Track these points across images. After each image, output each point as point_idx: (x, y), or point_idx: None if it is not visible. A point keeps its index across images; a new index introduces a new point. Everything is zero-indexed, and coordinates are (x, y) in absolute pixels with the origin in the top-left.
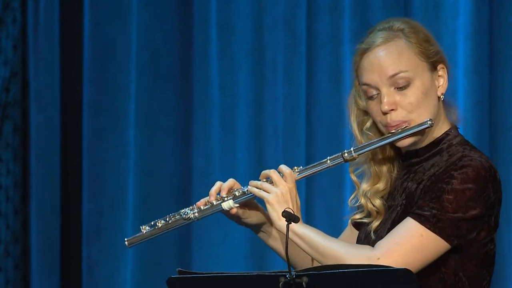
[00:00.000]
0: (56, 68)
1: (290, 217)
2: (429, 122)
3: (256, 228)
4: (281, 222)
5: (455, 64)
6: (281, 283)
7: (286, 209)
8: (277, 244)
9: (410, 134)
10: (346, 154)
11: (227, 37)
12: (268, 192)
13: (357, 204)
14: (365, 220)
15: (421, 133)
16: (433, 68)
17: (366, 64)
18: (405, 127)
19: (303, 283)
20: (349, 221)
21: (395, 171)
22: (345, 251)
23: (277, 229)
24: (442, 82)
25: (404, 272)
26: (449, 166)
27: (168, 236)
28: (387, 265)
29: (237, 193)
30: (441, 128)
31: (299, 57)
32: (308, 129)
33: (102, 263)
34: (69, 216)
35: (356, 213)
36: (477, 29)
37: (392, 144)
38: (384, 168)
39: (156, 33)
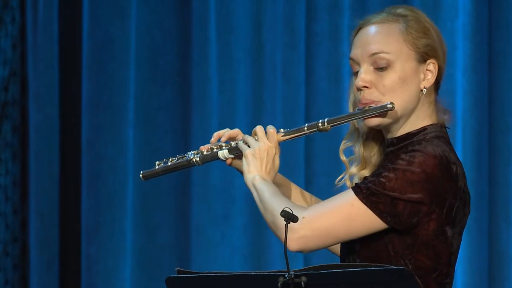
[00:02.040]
0: (55, 67)
1: (288, 217)
2: (388, 106)
3: None
4: (249, 175)
5: (454, 64)
6: (279, 283)
7: (285, 209)
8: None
9: (371, 114)
10: (320, 124)
11: (226, 35)
12: (248, 146)
13: (342, 183)
14: None
15: (384, 115)
16: (422, 60)
17: (355, 39)
18: (371, 106)
19: (302, 282)
20: None
21: (379, 159)
22: (280, 206)
23: (245, 182)
24: (429, 77)
25: (403, 271)
26: (403, 150)
27: (167, 235)
28: (309, 225)
29: (233, 144)
30: (421, 123)
31: (298, 55)
32: None
33: (101, 262)
34: (68, 215)
35: None
36: (476, 30)
37: (377, 130)
38: (371, 154)
39: (155, 31)
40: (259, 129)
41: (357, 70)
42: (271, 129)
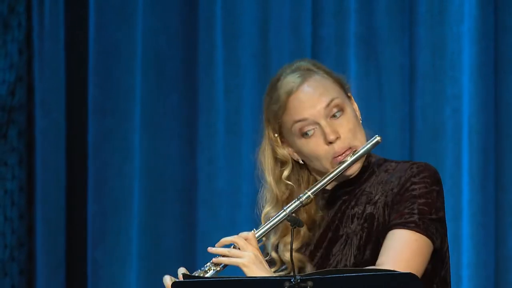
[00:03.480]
0: (61, 72)
1: (295, 222)
2: (378, 138)
3: None
4: None
5: (460, 69)
6: (286, 287)
7: (291, 214)
8: None
9: (363, 155)
10: (303, 198)
11: (232, 41)
12: (240, 258)
13: (267, 258)
14: (282, 271)
15: (369, 153)
16: (347, 94)
17: (296, 103)
18: (355, 151)
19: (308, 287)
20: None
21: (318, 212)
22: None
23: None
24: (356, 109)
25: (408, 276)
26: (405, 175)
27: (173, 241)
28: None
29: (201, 274)
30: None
31: None
32: None
33: (107, 266)
34: (74, 219)
35: (272, 266)
36: (482, 34)
37: (302, 189)
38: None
39: (161, 37)
40: (237, 238)
41: (308, 129)
42: (248, 233)
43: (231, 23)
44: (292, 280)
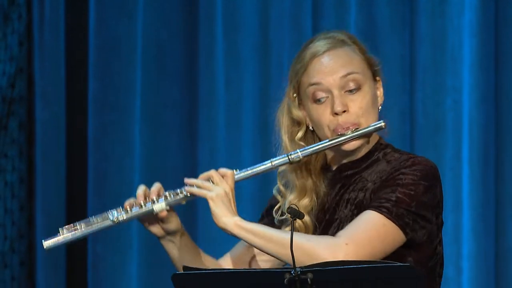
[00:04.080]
0: (61, 64)
1: (295, 214)
2: (382, 125)
3: (168, 235)
4: (226, 219)
5: (461, 61)
6: (286, 279)
7: (291, 206)
8: (180, 255)
9: (362, 134)
10: (292, 156)
11: (233, 33)
12: (210, 191)
13: (283, 217)
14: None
15: (369, 136)
16: (374, 78)
17: (316, 66)
18: (357, 128)
19: (308, 279)
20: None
21: (322, 186)
22: (307, 241)
23: (220, 226)
24: (380, 93)
25: (408, 268)
26: (398, 166)
27: None
28: (354, 249)
29: (167, 195)
30: (374, 139)
31: None
32: None
33: (108, 259)
34: (75, 212)
35: (286, 226)
36: (483, 26)
37: (318, 159)
38: (309, 183)
39: (161, 30)
40: (214, 173)
41: (321, 96)
42: (228, 171)
43: (231, 16)
44: (292, 272)
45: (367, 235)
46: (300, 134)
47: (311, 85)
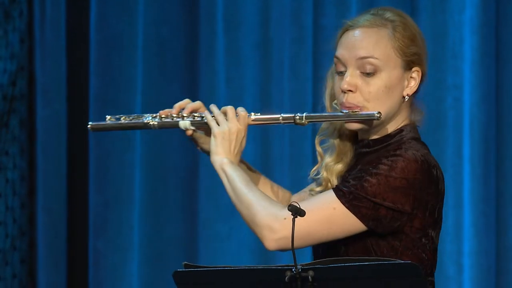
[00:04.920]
0: (62, 61)
1: (296, 211)
2: (376, 115)
3: None
4: (217, 157)
5: (461, 58)
6: (286, 277)
7: (292, 203)
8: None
9: (356, 119)
10: (297, 118)
11: (234, 31)
12: (218, 125)
13: (319, 176)
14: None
15: (368, 123)
16: (408, 67)
17: (343, 40)
18: (355, 111)
19: (309, 276)
20: (308, 189)
21: (351, 157)
22: (258, 202)
23: (211, 162)
24: (412, 84)
25: (411, 266)
26: (383, 153)
27: (175, 230)
28: (289, 226)
29: (196, 116)
30: (397, 124)
31: (305, 50)
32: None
33: (109, 256)
34: (76, 209)
35: (317, 185)
36: (484, 23)
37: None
38: (346, 150)
39: (162, 27)
40: (230, 109)
41: (341, 70)
42: (242, 111)
43: (232, 13)
44: (293, 269)
45: (311, 215)
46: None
47: (335, 57)
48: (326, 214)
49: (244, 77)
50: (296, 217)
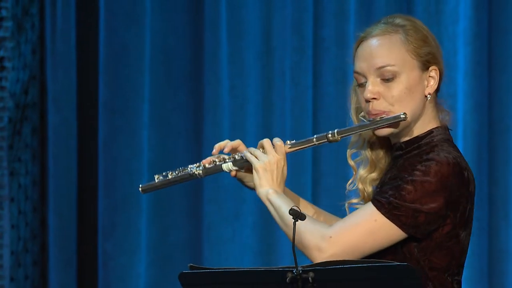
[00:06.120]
0: (72, 71)
1: (296, 215)
2: (402, 116)
3: None
4: (262, 190)
5: (455, 68)
6: (288, 278)
7: (293, 207)
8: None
9: (384, 124)
10: (330, 135)
11: (237, 41)
12: (257, 159)
13: (354, 188)
14: (361, 204)
15: (396, 125)
16: (425, 67)
17: (359, 52)
18: (382, 117)
19: (310, 278)
20: (346, 205)
21: (386, 162)
22: (304, 225)
23: (258, 195)
24: (432, 83)
25: (408, 268)
26: (416, 158)
27: (180, 233)
28: (336, 244)
29: (237, 157)
30: (427, 126)
31: (306, 60)
32: (314, 129)
33: (117, 258)
34: (85, 213)
35: (353, 197)
36: (477, 34)
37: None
38: (380, 157)
39: (168, 37)
40: (266, 142)
41: (362, 81)
42: (278, 141)
43: (235, 24)
44: (294, 271)
45: (354, 230)
46: (363, 113)
47: (354, 72)
48: (369, 227)
49: (247, 85)
50: (297, 220)
